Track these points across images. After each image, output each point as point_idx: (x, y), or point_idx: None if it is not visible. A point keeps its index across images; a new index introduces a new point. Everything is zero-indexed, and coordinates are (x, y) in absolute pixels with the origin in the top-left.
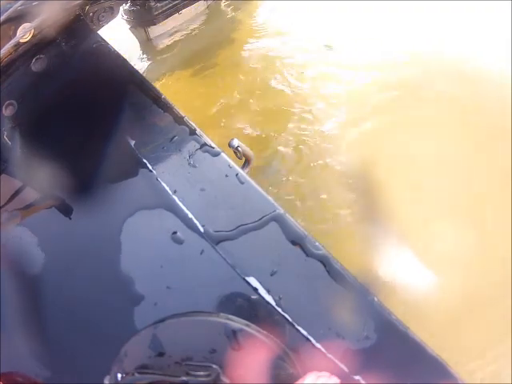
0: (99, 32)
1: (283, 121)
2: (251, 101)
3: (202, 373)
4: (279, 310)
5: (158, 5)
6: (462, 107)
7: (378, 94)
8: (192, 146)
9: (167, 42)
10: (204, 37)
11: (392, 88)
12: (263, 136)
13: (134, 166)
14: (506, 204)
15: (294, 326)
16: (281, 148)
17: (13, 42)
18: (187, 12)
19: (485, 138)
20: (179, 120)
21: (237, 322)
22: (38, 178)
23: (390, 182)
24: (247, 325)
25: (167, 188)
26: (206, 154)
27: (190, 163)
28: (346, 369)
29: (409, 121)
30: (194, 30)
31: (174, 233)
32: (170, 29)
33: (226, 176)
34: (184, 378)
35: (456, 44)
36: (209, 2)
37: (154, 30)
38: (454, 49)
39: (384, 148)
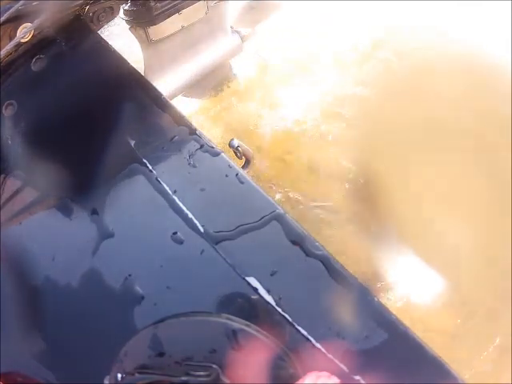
0: (99, 32)
1: None
2: None
3: (202, 373)
4: (279, 310)
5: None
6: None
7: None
8: (192, 145)
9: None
10: None
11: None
12: None
13: (134, 166)
14: (506, 202)
15: (294, 325)
16: None
17: (14, 42)
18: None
19: (486, 134)
20: (179, 120)
21: (237, 322)
22: (38, 178)
23: (390, 181)
24: (247, 325)
25: (167, 188)
26: (206, 154)
27: (190, 163)
28: (345, 369)
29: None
30: None
31: (174, 233)
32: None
33: (226, 176)
34: (184, 378)
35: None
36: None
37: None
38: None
39: (384, 145)
